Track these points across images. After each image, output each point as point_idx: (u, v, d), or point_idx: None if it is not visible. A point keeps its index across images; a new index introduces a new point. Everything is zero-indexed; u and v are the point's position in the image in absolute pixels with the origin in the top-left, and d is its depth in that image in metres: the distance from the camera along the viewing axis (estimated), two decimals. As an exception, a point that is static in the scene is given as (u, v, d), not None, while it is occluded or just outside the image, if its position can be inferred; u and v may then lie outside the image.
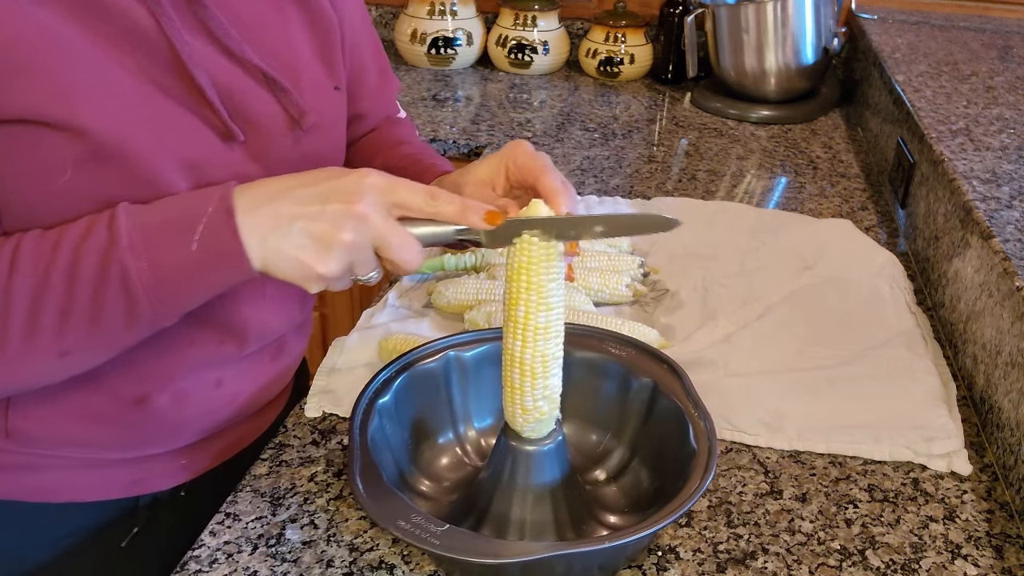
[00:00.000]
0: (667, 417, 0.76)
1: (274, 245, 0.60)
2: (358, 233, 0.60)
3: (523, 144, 0.72)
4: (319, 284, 0.62)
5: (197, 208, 0.61)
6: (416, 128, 1.01)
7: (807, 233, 1.21)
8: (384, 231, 0.61)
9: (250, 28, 0.71)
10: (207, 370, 0.77)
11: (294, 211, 0.60)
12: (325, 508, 0.76)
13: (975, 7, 1.89)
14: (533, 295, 0.64)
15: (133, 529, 0.83)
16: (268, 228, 0.60)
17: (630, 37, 1.91)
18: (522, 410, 0.68)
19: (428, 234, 0.64)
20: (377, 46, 0.92)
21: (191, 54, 0.65)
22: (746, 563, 0.73)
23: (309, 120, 0.73)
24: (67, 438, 0.75)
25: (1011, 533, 0.77)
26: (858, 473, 0.83)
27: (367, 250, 0.62)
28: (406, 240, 0.62)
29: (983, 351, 0.92)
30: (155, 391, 0.74)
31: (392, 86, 0.96)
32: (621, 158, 1.53)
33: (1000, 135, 1.20)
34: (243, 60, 0.69)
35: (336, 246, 0.60)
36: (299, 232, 0.60)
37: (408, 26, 1.94)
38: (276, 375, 0.87)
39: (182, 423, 0.79)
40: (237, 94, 0.68)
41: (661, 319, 1.04)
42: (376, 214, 0.60)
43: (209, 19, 0.67)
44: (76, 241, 0.60)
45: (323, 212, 0.60)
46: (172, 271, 0.60)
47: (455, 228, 0.63)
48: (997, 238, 0.92)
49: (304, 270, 0.61)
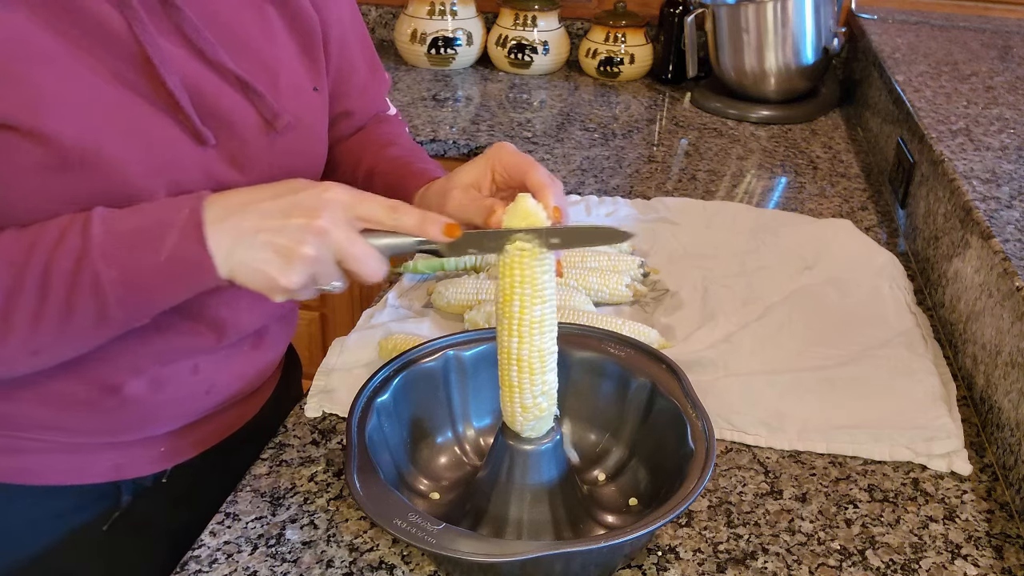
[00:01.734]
0: (665, 417, 0.76)
1: (239, 257, 0.62)
2: (319, 247, 0.62)
3: (506, 145, 0.74)
4: (283, 295, 0.64)
5: (168, 218, 0.62)
6: (407, 126, 1.00)
7: (807, 233, 1.21)
8: (345, 244, 0.63)
9: (227, 29, 0.71)
10: (184, 358, 0.78)
11: (258, 224, 0.62)
12: (325, 508, 0.76)
13: (975, 7, 1.89)
14: (527, 288, 0.64)
15: (114, 514, 0.84)
16: (234, 240, 0.62)
17: (630, 37, 1.91)
18: (522, 408, 0.68)
19: (389, 245, 0.65)
20: (367, 43, 0.92)
21: (163, 58, 0.65)
22: (746, 563, 0.73)
23: (283, 122, 0.73)
24: (44, 421, 0.75)
25: (1011, 533, 0.77)
26: (858, 473, 0.83)
27: (329, 263, 0.63)
28: (367, 252, 0.64)
29: (983, 351, 0.92)
30: (130, 378, 0.75)
31: (382, 83, 0.96)
32: (621, 158, 1.53)
33: (1000, 135, 1.20)
34: (216, 63, 0.69)
35: (297, 260, 0.62)
36: (262, 245, 0.62)
37: (408, 26, 1.95)
38: (258, 365, 0.87)
39: (159, 409, 0.79)
40: (209, 97, 0.69)
41: (661, 319, 1.04)
42: (337, 228, 0.62)
43: (183, 22, 0.67)
44: (50, 246, 0.61)
45: (285, 226, 0.62)
46: (142, 278, 0.62)
47: (415, 239, 0.65)
48: (997, 238, 0.92)
49: (268, 281, 0.63)
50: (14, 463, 0.77)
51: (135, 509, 0.85)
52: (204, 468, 0.88)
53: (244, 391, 0.87)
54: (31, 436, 0.76)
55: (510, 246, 0.64)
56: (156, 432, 0.82)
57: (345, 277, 0.66)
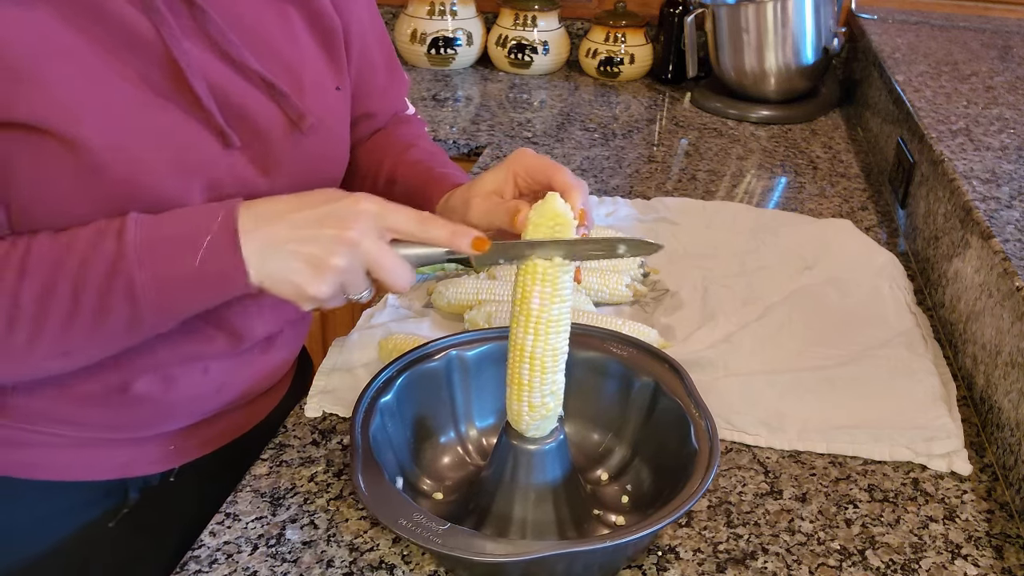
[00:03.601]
0: (668, 417, 0.76)
1: (271, 266, 0.63)
2: (349, 258, 0.63)
3: (527, 151, 0.74)
4: (311, 304, 0.65)
5: (203, 224, 0.63)
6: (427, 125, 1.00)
7: (807, 233, 1.21)
8: (375, 255, 0.64)
9: (252, 31, 0.71)
10: (196, 360, 0.78)
11: (290, 234, 0.63)
12: (325, 508, 0.76)
13: (975, 7, 1.89)
14: (548, 287, 0.65)
15: (122, 512, 0.84)
16: (266, 249, 0.63)
17: (630, 37, 1.91)
18: (529, 407, 0.68)
19: (419, 255, 0.66)
20: (386, 43, 0.92)
21: (189, 61, 0.66)
22: (746, 563, 0.73)
23: (307, 123, 0.74)
24: (54, 415, 0.76)
25: (1011, 533, 0.77)
26: (858, 473, 0.83)
27: (359, 273, 0.64)
28: (396, 263, 0.65)
29: (983, 351, 0.92)
30: (142, 376, 0.75)
31: (401, 83, 0.96)
32: (621, 158, 1.53)
33: (1000, 135, 1.20)
34: (241, 65, 0.70)
35: (328, 270, 0.63)
36: (293, 255, 0.63)
37: (408, 26, 1.95)
38: (269, 368, 0.87)
39: (170, 407, 0.79)
40: (235, 98, 0.70)
41: (661, 319, 1.04)
42: (367, 239, 0.63)
43: (208, 24, 0.68)
44: (85, 249, 0.62)
45: (317, 237, 0.63)
46: (175, 284, 0.63)
47: (444, 250, 0.66)
48: (997, 238, 0.92)
49: (297, 291, 0.64)
50: (22, 457, 0.77)
51: (142, 507, 0.85)
52: (212, 469, 0.88)
53: (255, 392, 0.87)
54: (39, 430, 0.76)
55: (538, 260, 0.65)
56: (166, 429, 0.82)
57: (373, 287, 0.67)
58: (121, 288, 0.62)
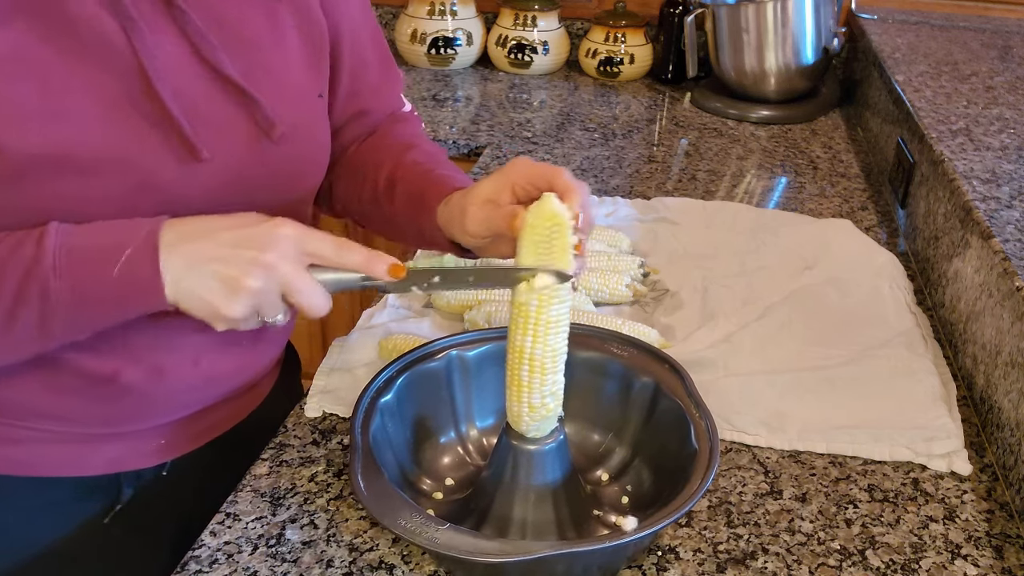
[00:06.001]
0: (669, 417, 0.76)
1: (187, 283, 0.63)
2: (265, 280, 0.63)
3: (524, 159, 0.74)
4: (225, 324, 0.65)
5: (125, 237, 0.63)
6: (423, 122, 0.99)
7: (807, 233, 1.21)
8: (291, 279, 0.64)
9: (233, 32, 0.71)
10: (183, 349, 0.78)
11: (209, 253, 0.63)
12: (325, 508, 0.76)
13: (975, 7, 1.89)
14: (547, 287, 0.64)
15: (115, 508, 0.84)
16: (184, 266, 0.63)
17: (630, 37, 1.91)
18: (529, 408, 0.68)
19: (335, 280, 0.67)
20: (379, 39, 0.92)
21: (158, 68, 0.66)
22: (746, 563, 0.73)
23: (278, 132, 0.74)
24: (40, 410, 0.75)
25: (1011, 533, 0.77)
26: (858, 473, 0.83)
27: (274, 296, 0.65)
28: (312, 287, 0.65)
29: (983, 351, 0.92)
30: (128, 367, 0.75)
31: (395, 80, 0.95)
32: (621, 158, 1.53)
33: (1000, 135, 1.20)
34: (216, 69, 0.69)
35: (242, 291, 0.63)
36: (210, 274, 0.63)
37: (408, 26, 1.94)
38: (258, 360, 0.87)
39: (159, 399, 0.79)
40: (203, 104, 0.69)
41: (661, 319, 1.04)
42: (285, 263, 0.64)
43: (187, 25, 0.67)
44: (4, 254, 0.62)
45: (235, 258, 0.63)
46: (90, 294, 0.63)
47: (360, 275, 0.67)
48: (997, 238, 0.92)
49: (211, 310, 0.64)
50: (11, 453, 0.77)
51: (136, 503, 0.85)
52: (204, 463, 0.88)
53: (243, 385, 0.87)
54: (26, 425, 0.76)
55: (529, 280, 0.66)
56: (155, 423, 0.82)
57: (289, 311, 0.67)
58: (34, 295, 0.62)
